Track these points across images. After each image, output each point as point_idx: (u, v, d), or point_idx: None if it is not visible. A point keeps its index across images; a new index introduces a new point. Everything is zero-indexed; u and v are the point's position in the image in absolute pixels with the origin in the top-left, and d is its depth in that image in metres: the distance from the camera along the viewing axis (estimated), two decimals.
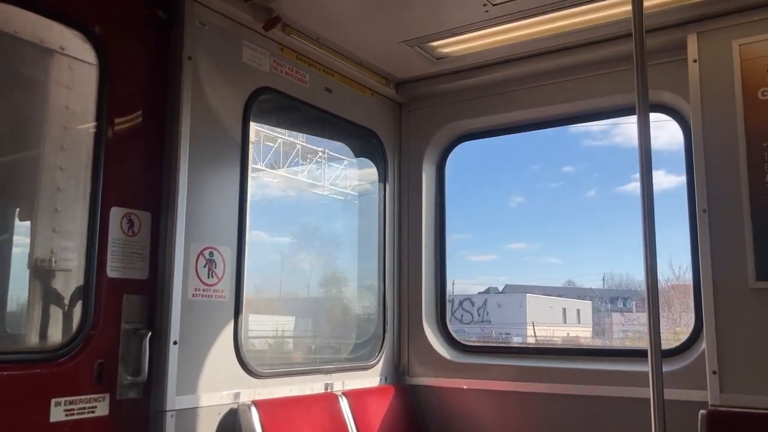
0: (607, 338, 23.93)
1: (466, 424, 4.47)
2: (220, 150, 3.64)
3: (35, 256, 3.00)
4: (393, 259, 4.90)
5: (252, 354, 3.76)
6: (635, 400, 3.78)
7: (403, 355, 4.82)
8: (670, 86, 4.00)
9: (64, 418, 2.88)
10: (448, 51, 4.44)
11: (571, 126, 5.33)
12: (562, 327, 26.23)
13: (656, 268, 2.60)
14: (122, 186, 3.22)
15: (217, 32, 3.66)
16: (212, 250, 3.51)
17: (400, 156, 5.07)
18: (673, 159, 4.48)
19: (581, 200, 10.35)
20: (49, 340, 3.04)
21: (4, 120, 3.03)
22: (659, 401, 2.50)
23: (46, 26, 3.05)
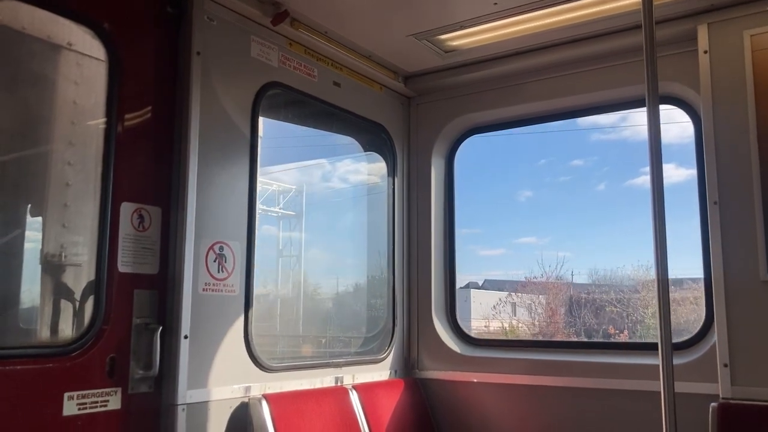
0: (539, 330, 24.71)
1: (476, 417, 4.47)
2: (230, 145, 3.65)
3: (45, 251, 3.03)
4: (402, 253, 4.91)
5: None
6: (646, 393, 3.77)
7: (413, 348, 4.83)
8: (680, 78, 3.97)
9: (77, 412, 2.90)
10: (456, 44, 4.42)
11: (580, 119, 5.33)
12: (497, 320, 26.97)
13: (667, 261, 2.59)
14: (132, 181, 3.24)
15: (226, 27, 3.66)
16: (222, 244, 3.53)
17: (408, 150, 5.06)
18: (681, 152, 4.47)
19: (591, 194, 10.40)
20: (61, 334, 3.07)
21: (14, 116, 3.05)
22: (670, 394, 2.49)
23: (53, 22, 3.06)
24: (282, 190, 6.09)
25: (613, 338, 7.26)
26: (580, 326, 7.92)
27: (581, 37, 4.23)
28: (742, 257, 3.58)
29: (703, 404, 3.50)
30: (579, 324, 7.95)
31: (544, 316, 7.92)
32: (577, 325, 7.96)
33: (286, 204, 6.00)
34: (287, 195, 6.07)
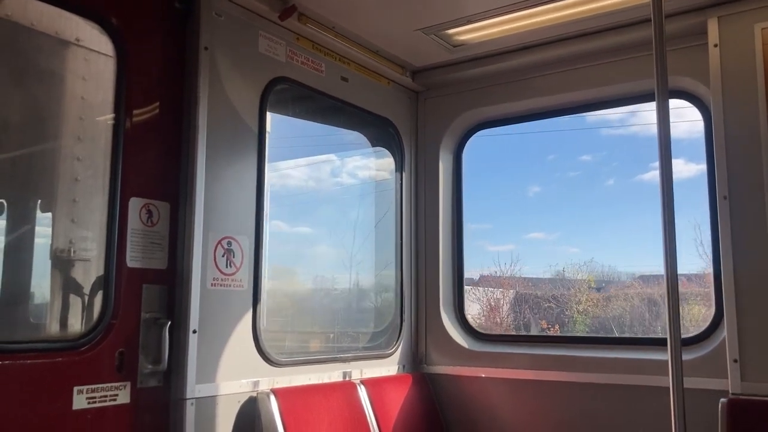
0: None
1: (484, 412, 4.47)
2: (238, 140, 3.66)
3: (55, 246, 3.04)
4: (410, 248, 4.91)
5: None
6: (654, 388, 3.76)
7: (421, 343, 4.83)
8: (690, 72, 3.94)
9: (87, 406, 2.92)
10: (464, 38, 4.41)
11: (588, 114, 5.30)
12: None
13: (676, 256, 2.58)
14: (141, 177, 3.25)
15: (233, 22, 3.67)
16: (230, 239, 3.54)
17: (416, 145, 5.06)
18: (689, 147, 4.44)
19: (600, 189, 10.38)
20: (70, 329, 3.09)
21: (23, 112, 3.07)
22: (679, 390, 2.48)
23: (61, 18, 3.07)
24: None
25: (545, 332, 7.45)
26: (520, 320, 8.14)
27: (590, 31, 4.20)
28: (752, 252, 3.55)
29: (713, 400, 3.49)
30: (519, 318, 8.17)
31: (485, 309, 8.08)
32: (517, 319, 8.17)
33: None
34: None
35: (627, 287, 7.61)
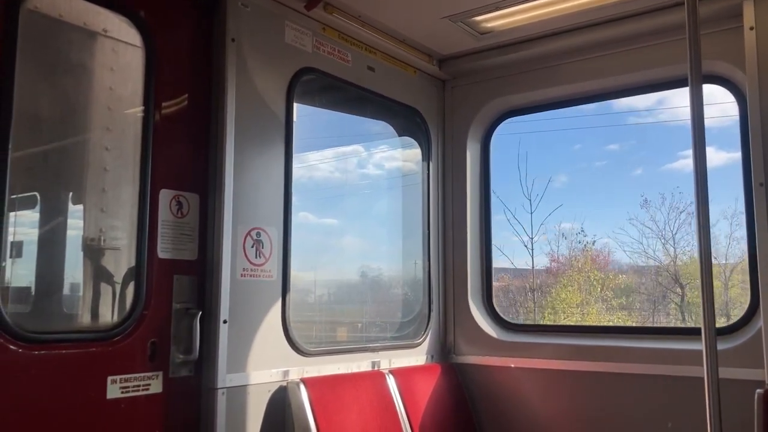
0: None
1: (514, 402, 4.45)
2: (265, 131, 3.67)
3: (85, 235, 3.09)
4: (438, 237, 4.89)
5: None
6: (688, 379, 3.70)
7: (449, 333, 4.82)
8: (724, 56, 3.85)
9: (120, 396, 2.97)
10: (491, 26, 4.36)
11: (615, 103, 5.25)
12: None
13: (710, 245, 2.53)
14: (171, 168, 3.28)
15: (260, 13, 3.67)
16: (259, 230, 3.55)
17: (443, 134, 5.02)
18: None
19: (628, 179, 10.21)
20: (103, 319, 3.13)
21: (54, 104, 3.11)
22: (714, 380, 2.44)
23: (89, 10, 3.10)
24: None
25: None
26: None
27: (620, 15, 4.12)
28: None
29: (749, 391, 3.42)
30: None
31: None
32: None
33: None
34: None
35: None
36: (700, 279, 2.52)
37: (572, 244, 7.26)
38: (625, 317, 6.96)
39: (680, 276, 6.48)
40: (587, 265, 7.26)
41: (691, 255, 6.46)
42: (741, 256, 5.96)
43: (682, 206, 6.27)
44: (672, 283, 6.53)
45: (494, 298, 4.90)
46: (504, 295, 7.82)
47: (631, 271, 6.89)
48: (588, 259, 7.26)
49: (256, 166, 3.58)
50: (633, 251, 6.37)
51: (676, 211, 6.27)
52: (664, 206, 6.26)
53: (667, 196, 6.25)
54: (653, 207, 6.28)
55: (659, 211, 6.27)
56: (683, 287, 6.50)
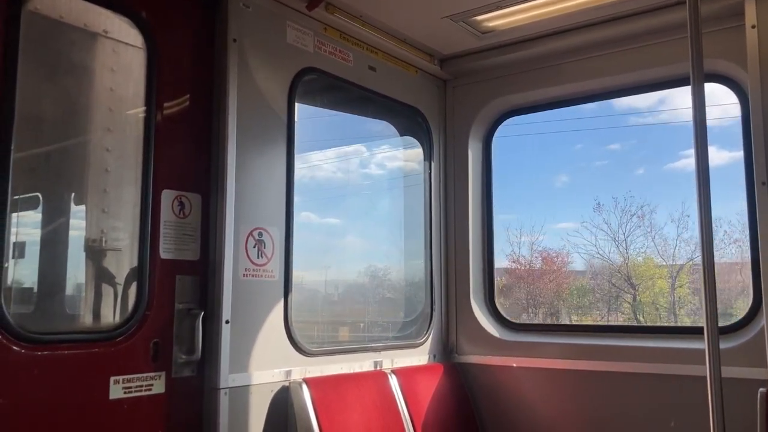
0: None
1: (516, 402, 4.45)
2: (267, 132, 3.67)
3: (87, 236, 3.09)
4: (440, 237, 4.89)
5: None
6: (691, 378, 3.70)
7: (452, 333, 4.82)
8: (726, 54, 3.85)
9: (123, 396, 2.97)
10: (493, 25, 4.36)
11: (616, 103, 5.26)
12: None
13: (712, 243, 2.53)
14: (173, 169, 3.28)
15: (261, 13, 3.67)
16: (261, 230, 3.56)
17: (445, 133, 5.02)
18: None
19: (629, 178, 10.17)
20: (105, 320, 3.14)
21: (55, 105, 3.11)
22: (716, 379, 2.44)
23: (90, 11, 3.10)
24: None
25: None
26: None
27: (621, 14, 4.12)
28: None
29: (752, 389, 3.42)
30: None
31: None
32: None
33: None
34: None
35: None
36: (702, 278, 2.52)
37: (533, 246, 7.33)
38: (581, 316, 7.05)
39: (632, 277, 6.61)
40: (546, 265, 7.33)
41: (644, 256, 6.61)
42: (689, 257, 6.22)
43: (633, 210, 6.40)
44: (624, 284, 6.64)
45: (496, 297, 4.91)
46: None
47: (589, 273, 7.00)
48: (546, 261, 7.34)
49: (258, 166, 3.58)
50: (586, 253, 6.47)
51: (628, 214, 6.40)
52: (617, 210, 6.39)
53: (619, 200, 6.39)
54: (606, 210, 6.41)
55: (613, 214, 6.41)
56: (635, 288, 6.62)
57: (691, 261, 6.21)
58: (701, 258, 2.53)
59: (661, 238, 6.39)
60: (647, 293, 6.56)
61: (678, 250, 6.36)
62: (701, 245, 2.53)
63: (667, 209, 6.25)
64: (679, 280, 6.40)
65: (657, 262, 6.50)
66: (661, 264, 6.47)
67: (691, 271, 6.22)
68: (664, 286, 6.40)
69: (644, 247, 6.60)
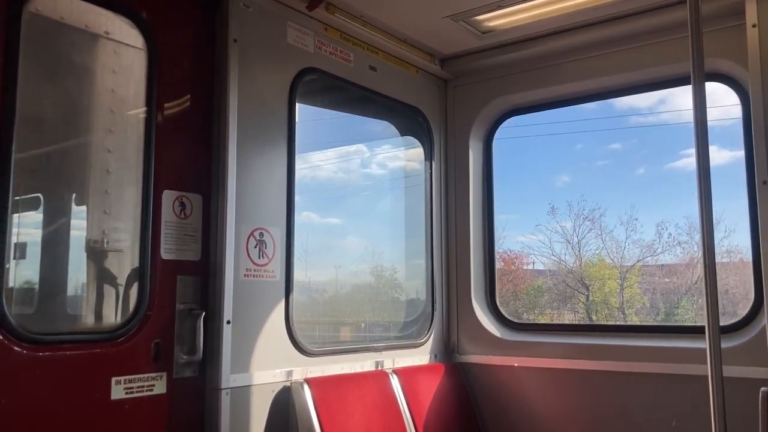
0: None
1: (518, 401, 4.45)
2: (268, 132, 3.67)
3: (88, 237, 3.09)
4: (441, 237, 4.89)
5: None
6: (693, 377, 3.70)
7: (453, 333, 4.82)
8: (727, 53, 3.84)
9: (124, 396, 2.97)
10: (494, 24, 4.35)
11: (617, 103, 5.29)
12: None
13: (714, 242, 2.53)
14: (173, 169, 3.28)
15: (262, 14, 3.67)
16: (262, 231, 3.56)
17: (446, 133, 5.02)
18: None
19: (629, 178, 10.15)
20: (107, 320, 3.14)
21: (56, 106, 3.11)
22: (718, 379, 2.44)
23: (91, 12, 3.10)
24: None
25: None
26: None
27: (622, 14, 4.12)
28: None
29: (753, 389, 3.42)
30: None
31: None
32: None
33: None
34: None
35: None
36: (704, 277, 2.52)
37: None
38: (537, 315, 7.22)
39: (585, 278, 6.75)
40: (506, 266, 7.52)
41: (598, 257, 6.78)
42: (637, 258, 6.41)
43: (585, 213, 6.57)
44: (578, 284, 6.79)
45: (497, 297, 4.90)
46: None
47: (548, 274, 7.16)
48: (507, 262, 7.52)
49: (259, 166, 3.58)
50: (541, 255, 6.67)
51: (582, 218, 6.56)
52: (572, 213, 6.56)
53: (573, 204, 6.56)
54: (561, 214, 6.59)
55: (567, 218, 6.59)
56: (588, 288, 6.75)
57: (640, 262, 6.43)
58: (702, 258, 2.52)
59: (612, 240, 6.60)
60: (599, 293, 6.75)
61: (627, 251, 6.59)
62: (702, 245, 2.52)
63: (617, 213, 6.47)
64: (629, 280, 6.54)
65: (608, 264, 6.68)
66: (612, 265, 6.65)
67: (641, 272, 6.45)
68: (614, 287, 6.58)
69: (598, 249, 6.82)
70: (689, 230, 5.98)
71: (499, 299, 4.86)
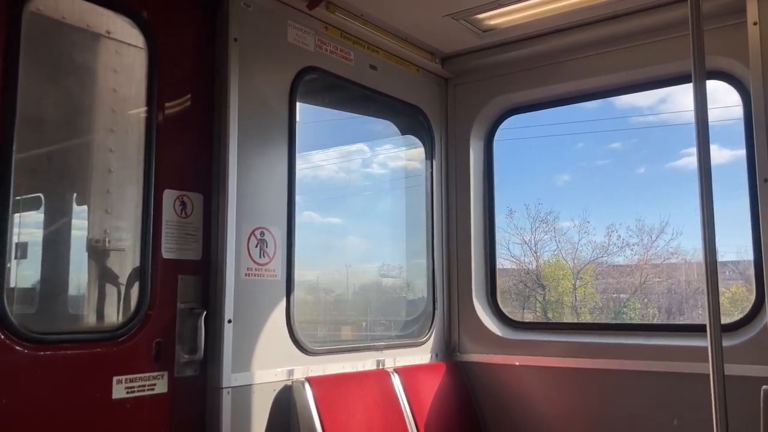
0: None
1: (519, 400, 4.45)
2: (268, 131, 3.67)
3: (90, 237, 3.09)
4: (441, 236, 4.89)
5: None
6: (694, 375, 3.70)
7: (454, 331, 4.82)
8: (727, 51, 3.84)
9: (126, 396, 2.97)
10: (494, 23, 4.35)
11: (618, 103, 5.32)
12: None
13: (715, 241, 2.53)
14: (174, 169, 3.28)
15: (262, 13, 3.67)
16: (263, 230, 3.56)
17: (446, 132, 5.02)
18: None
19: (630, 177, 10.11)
20: (108, 320, 3.14)
21: (57, 105, 3.11)
22: (719, 377, 2.44)
23: (92, 11, 3.10)
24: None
25: None
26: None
27: (622, 12, 4.11)
28: None
29: (755, 387, 3.41)
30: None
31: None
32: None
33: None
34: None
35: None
36: (705, 276, 2.51)
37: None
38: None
39: (541, 278, 6.91)
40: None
41: (556, 258, 6.96)
42: (588, 259, 6.60)
43: (542, 216, 6.85)
44: (535, 284, 6.95)
45: (498, 295, 4.90)
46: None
47: (505, 274, 7.43)
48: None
49: (260, 165, 3.58)
50: (500, 257, 7.03)
51: (538, 220, 6.82)
52: (529, 216, 6.78)
53: (531, 208, 6.76)
54: (519, 216, 6.81)
55: (525, 220, 6.82)
56: (544, 288, 6.89)
57: (593, 262, 6.61)
58: (703, 257, 2.52)
59: (566, 242, 6.79)
60: (554, 293, 6.92)
61: (580, 252, 6.73)
62: (703, 244, 2.52)
63: (569, 215, 6.65)
64: (583, 279, 6.71)
65: (563, 264, 6.84)
66: (566, 266, 6.81)
67: (595, 272, 6.63)
68: (568, 286, 6.71)
69: (555, 250, 6.99)
70: (639, 233, 6.20)
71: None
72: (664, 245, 5.92)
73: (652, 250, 6.11)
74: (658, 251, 6.04)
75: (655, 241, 6.02)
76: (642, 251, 6.21)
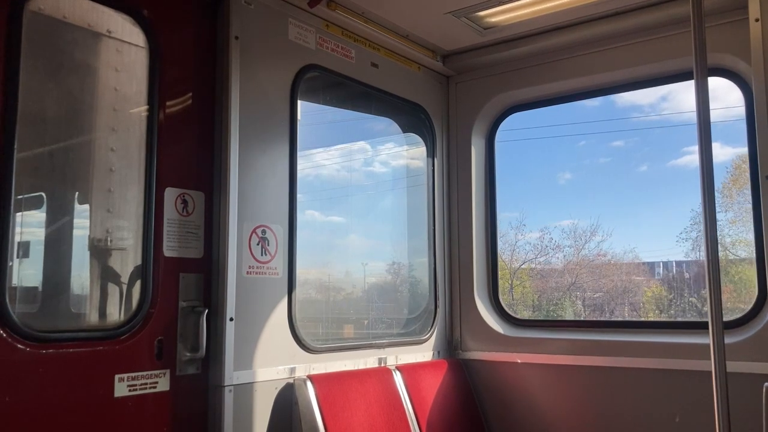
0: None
1: (521, 398, 4.45)
2: (269, 129, 3.67)
3: (92, 236, 3.10)
4: (443, 233, 4.89)
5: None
6: (696, 373, 3.70)
7: (456, 329, 4.82)
8: (729, 48, 3.83)
9: (128, 394, 2.98)
10: (495, 20, 4.35)
11: (619, 101, 5.33)
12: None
13: (717, 239, 2.53)
14: (176, 167, 3.28)
15: (263, 11, 3.67)
16: (265, 228, 3.56)
17: (448, 130, 5.02)
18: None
19: (632, 175, 10.09)
20: (110, 318, 3.14)
21: (59, 104, 3.11)
22: (721, 374, 2.44)
23: (93, 10, 3.11)
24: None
25: None
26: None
27: (624, 9, 4.11)
28: None
29: (757, 384, 3.40)
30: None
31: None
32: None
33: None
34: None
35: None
36: (707, 274, 2.51)
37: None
38: None
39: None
40: None
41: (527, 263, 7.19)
42: (524, 259, 6.81)
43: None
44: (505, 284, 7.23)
45: (500, 293, 4.90)
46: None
47: None
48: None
49: (261, 163, 3.58)
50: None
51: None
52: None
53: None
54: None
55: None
56: (512, 288, 7.13)
57: (529, 263, 6.84)
58: (705, 255, 2.52)
59: (506, 243, 6.86)
60: (522, 291, 7.09)
61: (516, 254, 6.89)
62: (705, 242, 2.52)
63: (508, 218, 6.79)
64: (519, 279, 6.90)
65: (503, 265, 7.06)
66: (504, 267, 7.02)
67: (532, 273, 6.85)
68: (503, 285, 6.99)
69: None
70: (573, 235, 6.37)
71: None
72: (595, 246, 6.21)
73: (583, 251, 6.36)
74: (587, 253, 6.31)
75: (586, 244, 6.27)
76: (571, 253, 6.49)
